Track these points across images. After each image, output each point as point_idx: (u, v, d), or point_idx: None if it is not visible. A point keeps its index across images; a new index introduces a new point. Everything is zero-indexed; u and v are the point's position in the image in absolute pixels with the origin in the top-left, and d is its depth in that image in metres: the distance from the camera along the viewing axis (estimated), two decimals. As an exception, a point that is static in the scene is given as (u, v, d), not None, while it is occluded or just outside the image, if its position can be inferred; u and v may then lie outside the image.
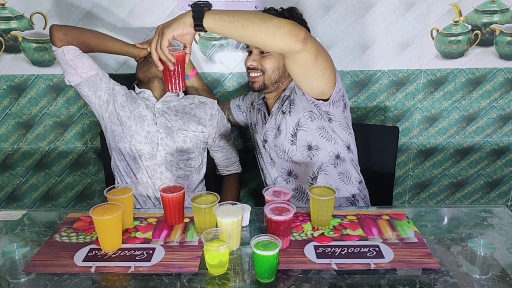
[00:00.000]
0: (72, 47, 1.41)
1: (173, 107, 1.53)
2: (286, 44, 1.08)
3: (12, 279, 0.97)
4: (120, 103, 1.50)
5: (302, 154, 1.39)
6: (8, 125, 1.94)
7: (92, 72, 1.46)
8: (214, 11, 1.06)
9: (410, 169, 2.09)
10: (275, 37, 1.06)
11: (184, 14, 1.08)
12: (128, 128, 1.48)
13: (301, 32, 1.07)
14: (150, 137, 1.48)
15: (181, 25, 1.06)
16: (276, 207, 1.06)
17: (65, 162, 2.02)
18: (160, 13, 1.77)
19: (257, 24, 1.05)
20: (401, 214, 1.22)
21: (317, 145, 1.37)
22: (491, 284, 0.93)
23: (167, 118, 1.50)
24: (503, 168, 2.08)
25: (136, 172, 1.50)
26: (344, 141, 1.39)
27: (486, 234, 1.13)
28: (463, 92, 1.93)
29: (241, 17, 1.05)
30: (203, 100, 1.59)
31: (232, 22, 1.05)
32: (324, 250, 1.05)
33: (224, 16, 1.05)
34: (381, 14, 1.79)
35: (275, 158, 1.45)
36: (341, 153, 1.40)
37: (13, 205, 2.10)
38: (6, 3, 1.76)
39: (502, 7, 1.80)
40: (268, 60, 1.36)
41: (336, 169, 1.40)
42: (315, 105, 1.31)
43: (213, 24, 1.05)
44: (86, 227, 1.19)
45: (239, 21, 1.04)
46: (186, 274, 0.97)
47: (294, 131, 1.37)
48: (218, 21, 1.05)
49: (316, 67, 1.18)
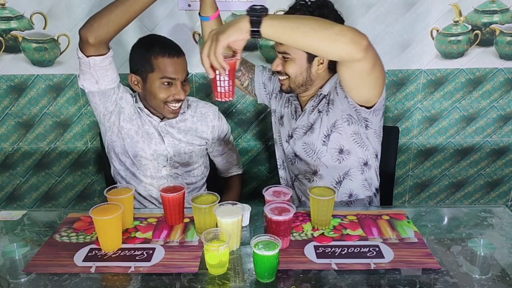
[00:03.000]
0: (100, 59, 1.27)
1: (176, 124, 1.48)
2: (347, 52, 1.02)
3: (12, 279, 0.97)
4: (128, 115, 1.44)
5: (331, 157, 1.36)
6: (8, 125, 1.94)
7: (112, 85, 1.36)
8: (272, 16, 0.99)
9: (410, 169, 2.09)
10: (336, 45, 1.00)
11: (240, 19, 0.99)
12: (135, 143, 1.44)
13: (363, 40, 1.01)
14: (157, 154, 1.46)
15: (237, 31, 0.98)
16: (276, 207, 1.06)
17: (65, 162, 2.02)
18: (160, 13, 1.77)
19: (318, 31, 0.99)
20: (401, 214, 1.22)
21: (349, 150, 1.35)
22: (491, 284, 0.93)
23: (173, 136, 1.47)
24: (503, 168, 2.08)
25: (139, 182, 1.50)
26: (374, 149, 1.38)
27: (486, 234, 1.13)
28: (463, 92, 1.93)
29: (301, 24, 0.99)
30: (205, 110, 1.53)
31: (292, 29, 0.99)
32: (324, 250, 1.05)
33: (283, 22, 0.99)
34: (381, 14, 1.79)
35: (302, 155, 1.41)
36: (369, 161, 1.38)
37: (13, 205, 2.10)
38: (6, 3, 1.76)
39: (502, 7, 1.80)
40: (290, 65, 1.29)
41: (362, 175, 1.39)
42: (356, 110, 1.28)
43: (271, 31, 0.99)
44: (86, 227, 1.19)
45: (300, 27, 0.98)
46: (186, 274, 0.97)
47: (328, 132, 1.34)
48: (277, 27, 0.99)
49: (371, 76, 1.13)
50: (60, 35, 1.80)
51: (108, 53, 1.29)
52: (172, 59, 1.33)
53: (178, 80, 1.35)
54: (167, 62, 1.33)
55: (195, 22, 1.80)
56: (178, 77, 1.35)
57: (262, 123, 1.97)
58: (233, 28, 0.98)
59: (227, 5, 1.77)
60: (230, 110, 1.94)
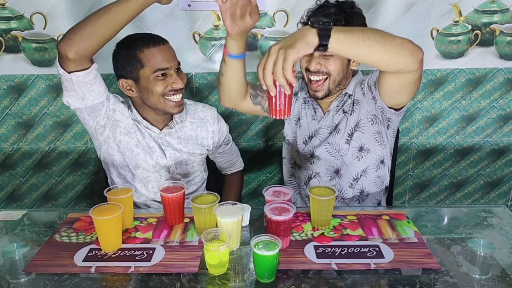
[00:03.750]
0: (84, 74, 1.19)
1: (175, 132, 1.42)
2: (406, 65, 1.04)
3: (12, 279, 0.97)
4: (125, 129, 1.37)
5: (352, 154, 1.37)
6: (8, 125, 1.94)
7: (100, 99, 1.28)
8: (338, 29, 0.94)
9: (410, 169, 2.09)
10: (398, 58, 1.02)
11: (307, 32, 0.93)
12: (136, 156, 1.39)
13: (420, 53, 1.03)
14: (159, 167, 1.43)
15: (306, 45, 0.92)
16: (276, 207, 1.06)
17: (65, 162, 2.02)
18: (160, 13, 1.77)
19: (382, 45, 0.98)
20: (401, 214, 1.22)
21: (368, 148, 1.36)
22: (491, 284, 0.93)
23: (173, 148, 1.42)
24: (503, 168, 2.08)
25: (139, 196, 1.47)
26: (391, 147, 1.41)
27: (486, 234, 1.13)
28: (463, 92, 1.93)
29: (366, 37, 0.97)
30: (203, 115, 1.47)
31: (358, 42, 0.96)
32: (324, 250, 1.04)
33: (349, 35, 0.96)
34: (381, 14, 1.79)
35: (322, 155, 1.40)
36: (385, 159, 1.40)
37: (13, 205, 2.10)
38: (6, 3, 1.76)
39: (502, 7, 1.80)
40: (333, 61, 1.25)
41: (376, 172, 1.40)
42: (382, 112, 1.30)
43: (337, 44, 0.95)
44: (86, 227, 1.18)
45: (365, 41, 0.97)
46: (186, 274, 0.97)
47: (351, 131, 1.35)
48: (344, 41, 0.95)
49: (414, 84, 1.17)
50: (60, 35, 1.80)
51: (92, 66, 1.20)
52: (158, 47, 1.25)
53: (171, 69, 1.28)
54: (154, 53, 1.24)
55: (195, 22, 1.80)
56: (171, 65, 1.27)
57: (262, 123, 1.97)
58: (301, 42, 0.92)
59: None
60: (230, 111, 1.94)
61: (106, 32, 1.14)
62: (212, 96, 1.92)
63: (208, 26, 1.81)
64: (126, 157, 1.40)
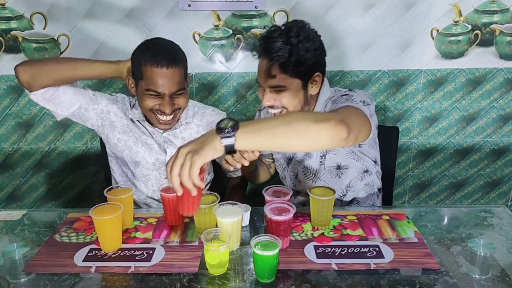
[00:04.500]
0: (42, 92, 1.24)
1: (179, 133, 1.41)
2: (329, 147, 1.03)
3: (12, 279, 0.97)
4: (122, 128, 1.39)
5: (330, 174, 1.37)
6: (8, 125, 1.94)
7: (74, 107, 1.32)
8: (244, 131, 0.89)
9: (410, 169, 2.09)
10: (317, 146, 0.99)
11: (213, 138, 0.90)
12: (135, 153, 1.40)
13: (342, 133, 0.94)
14: (159, 163, 1.42)
15: (212, 151, 0.90)
16: (276, 207, 1.06)
17: (65, 162, 2.02)
18: (160, 13, 1.77)
19: (295, 138, 0.92)
20: (401, 214, 1.22)
21: (346, 165, 1.35)
22: (491, 284, 0.93)
23: (175, 147, 1.40)
24: (503, 168, 2.08)
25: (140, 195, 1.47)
26: (372, 156, 1.38)
27: (486, 234, 1.13)
28: (463, 92, 1.93)
29: (275, 135, 0.91)
30: (211, 119, 1.44)
31: (266, 142, 0.92)
32: (324, 250, 1.04)
33: (256, 135, 0.91)
34: (381, 14, 1.79)
35: (302, 177, 1.42)
36: (369, 168, 1.39)
37: (13, 205, 2.10)
38: (6, 3, 1.76)
39: (502, 7, 1.80)
40: (285, 95, 1.22)
41: (362, 182, 1.39)
42: None
43: (245, 146, 0.91)
44: (86, 227, 1.18)
45: (274, 139, 0.91)
46: (186, 274, 0.97)
47: (323, 153, 1.35)
48: (251, 142, 0.92)
49: (359, 139, 1.09)
50: (60, 35, 1.80)
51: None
52: (161, 70, 1.21)
53: (165, 94, 1.24)
54: (154, 73, 1.21)
55: (195, 22, 1.80)
56: (165, 92, 1.24)
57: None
58: (208, 148, 0.89)
59: (228, 5, 1.77)
60: (230, 110, 1.94)
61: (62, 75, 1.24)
62: (212, 96, 1.92)
63: (208, 26, 1.81)
64: (125, 155, 1.41)
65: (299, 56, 1.16)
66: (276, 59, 1.17)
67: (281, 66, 1.17)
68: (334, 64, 1.87)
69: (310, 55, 1.18)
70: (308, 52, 1.17)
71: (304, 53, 1.17)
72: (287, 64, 1.17)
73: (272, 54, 1.17)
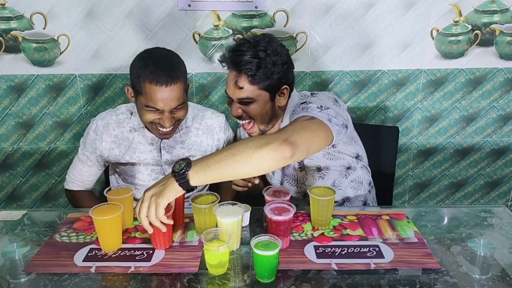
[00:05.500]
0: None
1: (179, 137, 1.42)
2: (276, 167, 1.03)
3: (12, 279, 0.97)
4: (115, 155, 1.41)
5: (313, 177, 1.37)
6: (8, 125, 1.94)
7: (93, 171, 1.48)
8: (195, 170, 0.98)
9: (410, 169, 2.09)
10: (263, 169, 1.01)
11: (171, 182, 1.00)
12: (129, 168, 1.43)
13: (286, 153, 0.98)
14: (155, 174, 1.43)
15: (173, 192, 1.00)
16: (276, 207, 1.06)
17: (65, 162, 2.02)
18: (160, 13, 1.77)
19: (241, 167, 0.98)
20: (401, 214, 1.22)
21: (326, 166, 1.35)
22: (491, 284, 0.93)
23: (173, 154, 1.41)
24: (503, 168, 2.08)
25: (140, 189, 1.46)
26: (350, 153, 1.37)
27: (486, 234, 1.13)
28: (463, 92, 1.93)
29: (224, 166, 0.98)
30: (211, 123, 1.46)
31: (216, 175, 0.99)
32: (324, 250, 1.05)
33: (207, 171, 0.98)
34: (381, 14, 1.79)
35: (287, 185, 1.42)
36: (351, 164, 1.37)
37: (13, 205, 2.10)
38: (6, 3, 1.76)
39: (502, 7, 1.80)
40: (252, 107, 1.25)
41: (347, 179, 1.38)
42: None
43: (199, 182, 0.99)
44: (86, 227, 1.18)
45: (223, 172, 0.98)
46: (186, 274, 0.97)
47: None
48: (203, 178, 0.99)
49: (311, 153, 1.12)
50: (60, 35, 1.80)
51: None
52: (160, 87, 1.20)
53: (166, 110, 1.24)
54: (153, 91, 1.20)
55: (195, 22, 1.80)
56: (164, 109, 1.23)
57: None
58: (169, 190, 0.99)
59: (228, 5, 1.77)
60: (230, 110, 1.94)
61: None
62: (212, 96, 1.92)
63: (208, 26, 1.81)
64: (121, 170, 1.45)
65: (266, 70, 1.20)
66: (244, 72, 1.20)
67: (249, 79, 1.20)
68: (333, 64, 1.87)
69: (278, 69, 1.21)
70: (275, 65, 1.20)
71: (271, 67, 1.20)
72: (255, 77, 1.20)
73: (241, 67, 1.20)
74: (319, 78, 1.89)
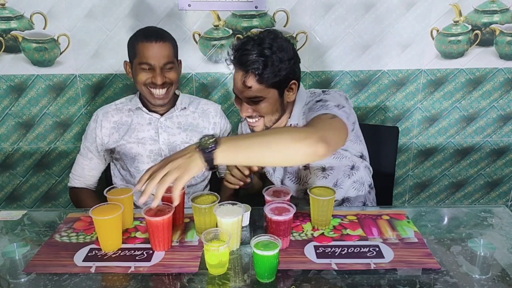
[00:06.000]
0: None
1: (176, 118, 1.49)
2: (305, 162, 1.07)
3: (12, 279, 0.97)
4: (115, 140, 1.47)
5: (317, 176, 1.37)
6: (8, 125, 1.94)
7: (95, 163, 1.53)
8: (224, 148, 0.93)
9: (410, 169, 2.09)
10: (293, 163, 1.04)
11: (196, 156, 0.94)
12: (129, 150, 1.46)
13: (321, 151, 0.96)
14: (153, 155, 1.46)
15: (197, 168, 0.93)
16: (276, 207, 1.06)
17: (65, 162, 2.02)
18: (160, 13, 1.77)
19: (272, 156, 0.96)
20: (401, 214, 1.22)
21: (331, 165, 1.35)
22: (491, 284, 0.93)
23: (169, 133, 1.47)
24: (503, 168, 2.08)
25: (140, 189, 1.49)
26: (356, 152, 1.37)
27: (486, 234, 1.13)
28: (463, 92, 1.93)
29: (255, 151, 0.95)
30: (207, 107, 1.54)
31: (244, 159, 0.97)
32: (324, 250, 1.04)
33: (236, 154, 0.95)
34: (381, 14, 1.79)
35: (288, 183, 1.42)
36: (356, 163, 1.37)
37: (13, 205, 2.10)
38: (6, 3, 1.76)
39: (502, 7, 1.80)
40: (263, 105, 1.24)
41: (350, 179, 1.38)
42: None
43: (225, 162, 0.96)
44: (86, 227, 1.18)
45: (251, 157, 0.97)
46: (186, 274, 0.97)
47: None
48: (230, 159, 0.96)
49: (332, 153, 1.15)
50: (60, 35, 1.80)
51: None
52: (150, 43, 1.34)
53: (157, 66, 1.35)
54: (145, 47, 1.34)
55: (195, 22, 1.80)
56: (155, 63, 1.35)
57: (262, 123, 1.97)
58: (195, 164, 0.93)
59: (228, 5, 1.77)
60: (230, 110, 1.94)
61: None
62: (212, 96, 1.92)
63: (208, 26, 1.81)
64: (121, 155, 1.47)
65: (274, 67, 1.18)
66: (252, 71, 1.19)
67: (257, 78, 1.19)
68: (334, 64, 1.87)
69: (285, 65, 1.20)
70: (282, 62, 1.19)
71: (278, 64, 1.18)
72: (262, 76, 1.19)
73: (248, 66, 1.19)
74: (319, 78, 1.89)
